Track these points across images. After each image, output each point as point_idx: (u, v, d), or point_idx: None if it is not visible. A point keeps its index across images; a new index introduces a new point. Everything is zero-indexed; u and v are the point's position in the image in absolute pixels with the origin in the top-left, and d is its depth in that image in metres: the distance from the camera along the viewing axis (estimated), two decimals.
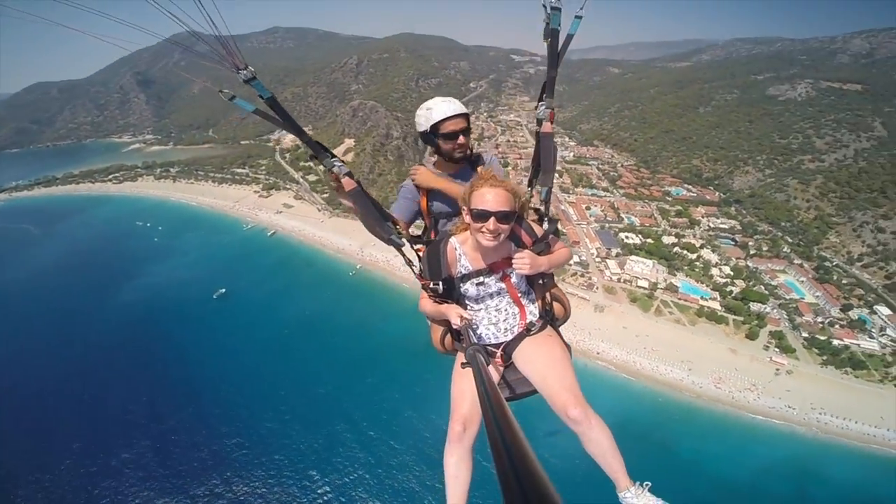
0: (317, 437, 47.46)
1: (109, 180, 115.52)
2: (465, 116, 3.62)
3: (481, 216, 2.90)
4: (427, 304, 3.21)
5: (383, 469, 44.85)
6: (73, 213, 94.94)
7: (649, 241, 77.50)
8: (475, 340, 2.74)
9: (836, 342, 59.15)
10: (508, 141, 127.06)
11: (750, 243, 78.59)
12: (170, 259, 76.02)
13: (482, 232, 2.94)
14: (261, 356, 55.68)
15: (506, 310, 3.29)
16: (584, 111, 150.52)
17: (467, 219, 3.02)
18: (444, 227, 3.80)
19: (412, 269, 3.51)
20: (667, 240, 78.09)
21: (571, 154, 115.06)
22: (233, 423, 48.55)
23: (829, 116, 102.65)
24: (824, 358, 57.23)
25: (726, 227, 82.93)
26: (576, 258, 71.67)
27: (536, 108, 3.39)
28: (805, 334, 60.34)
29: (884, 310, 63.00)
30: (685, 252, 75.34)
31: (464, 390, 3.07)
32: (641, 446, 47.31)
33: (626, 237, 77.84)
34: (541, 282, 3.34)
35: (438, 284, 3.14)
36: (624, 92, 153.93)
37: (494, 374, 3.23)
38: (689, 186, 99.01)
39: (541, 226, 3.31)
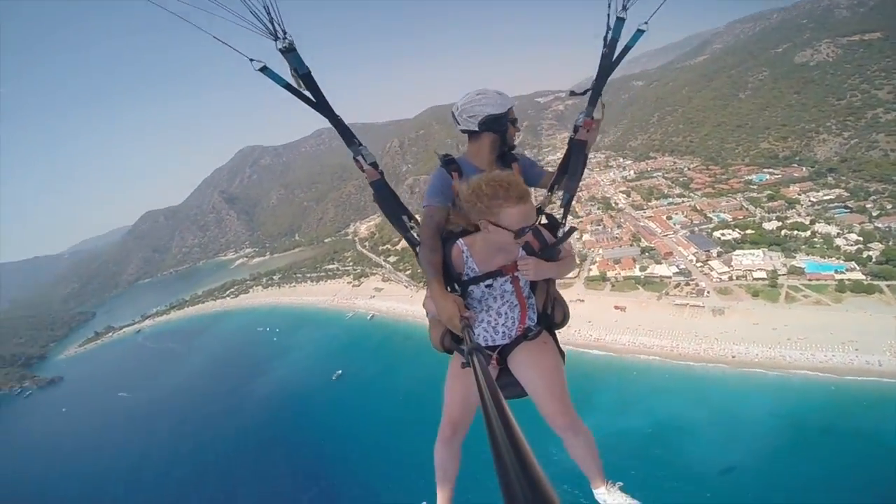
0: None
1: (227, 296, 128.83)
2: None
3: (521, 234, 2.74)
4: (430, 303, 3.02)
5: None
6: (206, 330, 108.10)
7: (749, 231, 69.90)
8: (475, 340, 2.38)
9: None
10: None
11: (867, 206, 68.43)
12: (290, 354, 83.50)
13: (514, 244, 2.82)
14: (381, 428, 57.30)
15: (506, 314, 3.21)
16: (627, 129, 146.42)
17: (492, 228, 2.76)
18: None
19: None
20: (768, 226, 69.99)
21: (632, 172, 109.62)
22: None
23: (873, 68, 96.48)
24: None
25: (831, 197, 73.60)
26: (674, 268, 65.98)
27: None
28: None
29: None
30: (796, 232, 66.88)
31: (456, 392, 3.15)
32: (829, 440, 40.35)
33: (722, 235, 70.64)
34: (545, 287, 3.31)
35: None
36: (658, 100, 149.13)
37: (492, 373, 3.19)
38: (770, 170, 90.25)
39: (553, 232, 3.29)
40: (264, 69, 2.59)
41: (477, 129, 3.47)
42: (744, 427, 43.39)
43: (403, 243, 3.34)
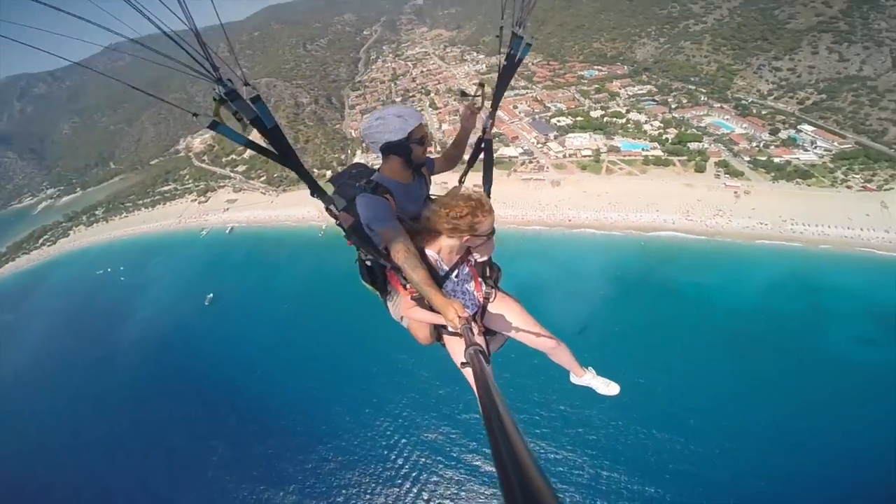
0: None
1: (42, 245, 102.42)
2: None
3: (490, 234, 3.19)
4: (418, 312, 3.23)
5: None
6: (32, 289, 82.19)
7: (579, 118, 79.48)
8: (474, 339, 2.49)
9: (776, 159, 62.02)
10: (423, 72, 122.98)
11: (669, 100, 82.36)
12: (148, 290, 69.06)
13: (486, 245, 3.28)
14: (275, 340, 52.86)
15: (469, 291, 3.60)
16: (481, 25, 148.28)
17: (466, 238, 3.14)
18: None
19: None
20: (595, 114, 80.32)
21: (483, 66, 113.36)
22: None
23: None
24: (773, 174, 59.96)
25: (644, 91, 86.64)
26: (520, 149, 73.06)
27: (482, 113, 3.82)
28: (747, 158, 63.45)
29: (807, 127, 66.99)
30: (615, 119, 78.10)
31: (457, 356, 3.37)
32: (644, 292, 48.94)
33: (558, 121, 79.14)
34: (483, 260, 3.67)
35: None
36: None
37: (481, 340, 3.48)
38: (599, 67, 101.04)
39: None
40: (215, 125, 2.24)
41: (380, 153, 3.44)
42: (580, 278, 50.77)
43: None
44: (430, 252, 3.29)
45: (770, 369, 39.89)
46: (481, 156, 3.98)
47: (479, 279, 3.67)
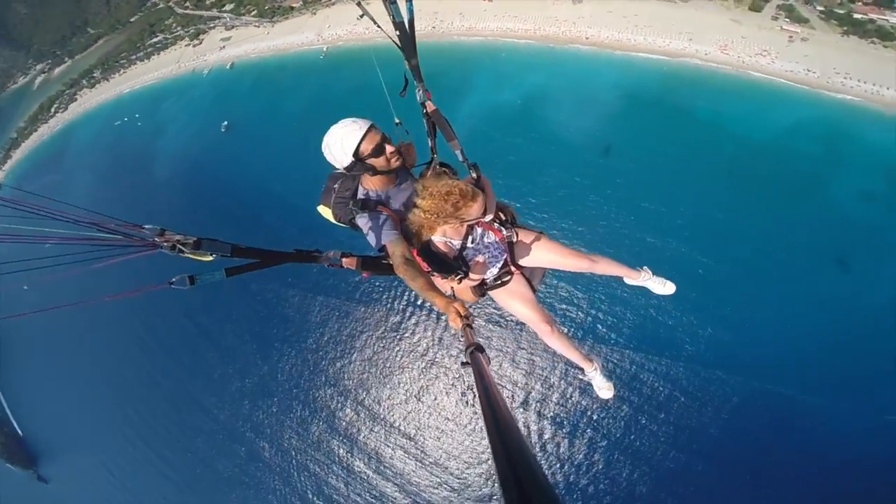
0: None
1: (55, 113, 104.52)
2: (374, 126, 3.12)
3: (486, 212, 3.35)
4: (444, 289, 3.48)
5: None
6: (63, 151, 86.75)
7: None
8: (474, 339, 2.44)
9: (858, 16, 49.45)
10: None
11: None
12: (166, 129, 70.54)
13: (484, 210, 3.32)
14: (293, 154, 51.40)
15: (492, 242, 3.67)
16: None
17: (460, 223, 3.28)
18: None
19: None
20: None
21: None
22: None
23: None
24: (845, 28, 48.92)
25: None
26: None
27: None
28: (820, 7, 50.98)
29: None
30: None
31: (519, 303, 3.86)
32: (657, 112, 45.42)
33: None
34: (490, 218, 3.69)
35: (462, 272, 3.48)
36: None
37: (522, 283, 3.92)
38: None
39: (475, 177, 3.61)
40: (193, 280, 2.42)
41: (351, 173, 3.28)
42: (592, 95, 47.18)
43: None
44: (437, 238, 3.38)
45: (770, 202, 39.20)
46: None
47: (495, 227, 3.70)
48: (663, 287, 4.66)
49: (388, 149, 3.15)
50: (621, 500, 34.76)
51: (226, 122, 62.98)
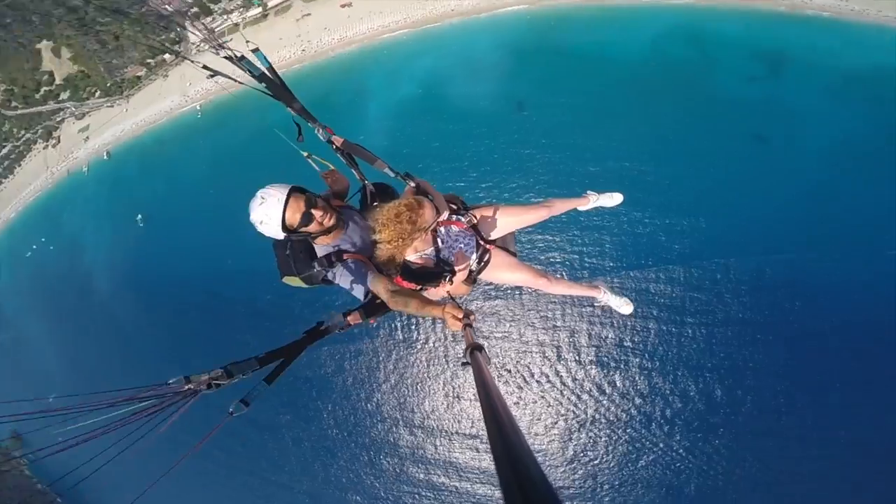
0: None
1: None
2: (296, 191, 3.05)
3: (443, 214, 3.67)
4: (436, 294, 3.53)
5: None
6: None
7: None
8: (474, 339, 2.43)
9: None
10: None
11: None
12: (83, 241, 62.19)
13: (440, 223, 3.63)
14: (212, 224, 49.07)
15: (459, 233, 3.68)
16: None
17: (424, 233, 3.44)
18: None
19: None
20: None
21: None
22: None
23: None
24: None
25: None
26: None
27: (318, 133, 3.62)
28: None
29: None
30: None
31: (507, 275, 4.17)
32: (542, 58, 47.14)
33: None
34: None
35: (447, 272, 3.50)
36: None
37: (501, 254, 4.10)
38: None
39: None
40: (247, 403, 2.53)
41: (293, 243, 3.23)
42: (480, 60, 48.06)
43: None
44: (412, 257, 3.44)
45: (677, 106, 42.48)
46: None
47: (454, 219, 3.78)
48: (612, 199, 5.14)
49: (317, 213, 3.05)
50: (701, 412, 35.66)
51: (140, 216, 56.86)
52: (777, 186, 38.04)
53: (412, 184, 3.72)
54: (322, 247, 3.25)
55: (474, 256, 3.76)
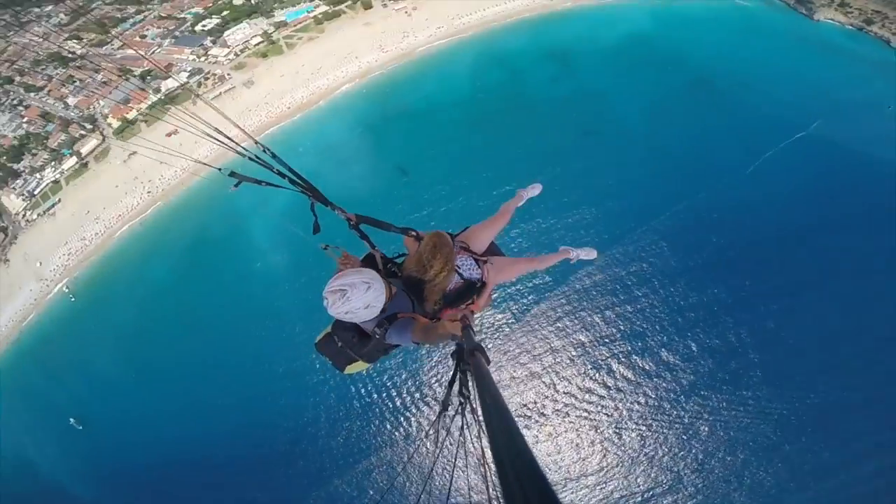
0: None
1: None
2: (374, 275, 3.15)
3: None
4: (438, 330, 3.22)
5: None
6: None
7: (225, 13, 67.45)
8: (474, 340, 2.62)
9: None
10: None
11: None
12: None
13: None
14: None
15: (469, 263, 4.19)
16: None
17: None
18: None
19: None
20: (237, 1, 68.77)
21: (63, 16, 79.83)
22: None
23: None
24: None
25: None
26: (184, 76, 59.90)
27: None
28: None
29: None
30: None
31: (511, 272, 5.05)
32: (393, 123, 51.43)
33: (203, 26, 65.63)
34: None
35: (480, 286, 4.14)
36: None
37: (497, 258, 4.74)
38: None
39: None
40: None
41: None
42: (341, 145, 50.52)
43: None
44: (451, 284, 3.92)
45: (504, 123, 49.19)
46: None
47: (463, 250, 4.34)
48: (534, 190, 6.07)
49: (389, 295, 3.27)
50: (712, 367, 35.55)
51: (72, 419, 42.85)
52: (627, 162, 44.68)
53: (412, 234, 4.01)
54: (381, 311, 3.19)
55: (478, 269, 4.18)
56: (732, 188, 42.25)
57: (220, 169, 3.86)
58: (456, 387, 2.63)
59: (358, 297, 2.93)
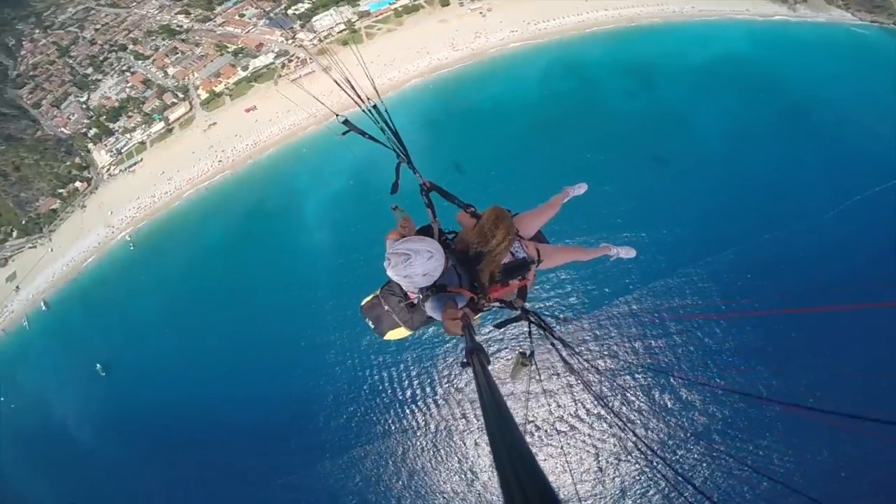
0: None
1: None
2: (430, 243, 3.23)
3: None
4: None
5: None
6: None
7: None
8: (474, 340, 2.49)
9: None
10: (98, 29, 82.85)
11: None
12: (49, 405, 49.08)
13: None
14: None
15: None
16: None
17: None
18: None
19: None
20: None
21: None
22: None
23: None
24: None
25: None
26: (271, 54, 63.74)
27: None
28: None
29: None
30: None
31: (559, 259, 4.92)
32: (458, 119, 51.71)
33: (296, 10, 69.01)
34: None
35: (532, 264, 3.99)
36: None
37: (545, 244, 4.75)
38: None
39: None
40: None
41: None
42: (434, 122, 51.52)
43: None
44: (507, 257, 3.85)
45: (568, 131, 47.35)
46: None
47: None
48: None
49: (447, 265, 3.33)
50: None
51: (98, 365, 47.75)
52: (696, 188, 41.44)
53: (471, 209, 4.11)
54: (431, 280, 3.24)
55: (528, 252, 4.13)
56: (810, 232, 38.19)
57: (337, 115, 4.11)
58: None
59: (420, 264, 3.01)
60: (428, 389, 36.64)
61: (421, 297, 3.28)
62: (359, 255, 41.82)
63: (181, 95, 59.01)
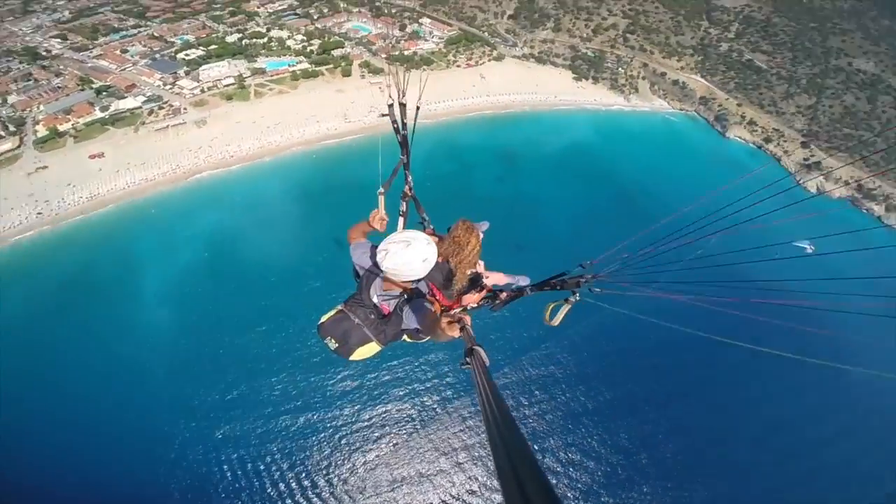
0: None
1: None
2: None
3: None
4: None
5: None
6: None
7: (213, 47, 67.34)
8: (473, 339, 2.53)
9: (406, 52, 69.33)
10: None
11: (311, 11, 79.20)
12: None
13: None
14: None
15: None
16: None
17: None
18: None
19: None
20: (231, 39, 69.88)
21: (67, 13, 78.76)
22: None
23: None
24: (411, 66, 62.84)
25: (284, 6, 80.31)
26: (142, 98, 56.95)
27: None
28: (384, 55, 68.45)
29: (426, 20, 76.23)
30: (255, 40, 70.48)
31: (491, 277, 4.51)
32: (327, 197, 47.42)
33: (186, 55, 64.96)
34: None
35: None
36: None
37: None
38: None
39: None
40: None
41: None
42: (261, 198, 47.31)
43: None
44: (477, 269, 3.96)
45: (445, 215, 45.65)
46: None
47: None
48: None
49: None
50: None
51: None
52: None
53: (430, 227, 4.43)
54: (398, 292, 3.37)
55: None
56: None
57: (390, 102, 4.41)
58: None
59: (420, 249, 3.08)
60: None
61: (399, 308, 3.27)
62: (212, 336, 36.43)
63: (12, 128, 49.63)
